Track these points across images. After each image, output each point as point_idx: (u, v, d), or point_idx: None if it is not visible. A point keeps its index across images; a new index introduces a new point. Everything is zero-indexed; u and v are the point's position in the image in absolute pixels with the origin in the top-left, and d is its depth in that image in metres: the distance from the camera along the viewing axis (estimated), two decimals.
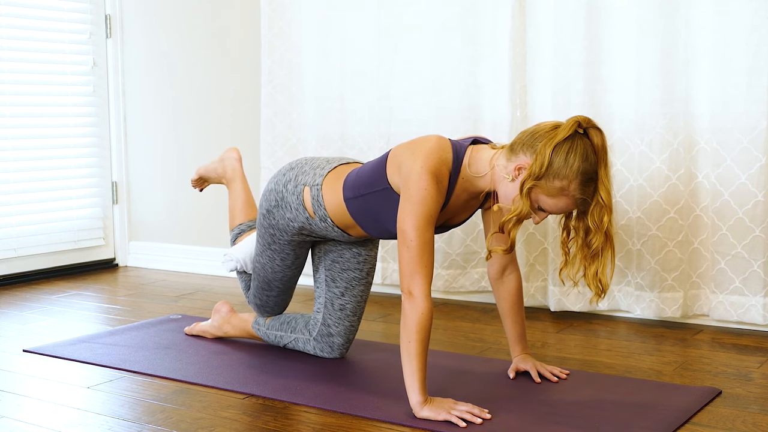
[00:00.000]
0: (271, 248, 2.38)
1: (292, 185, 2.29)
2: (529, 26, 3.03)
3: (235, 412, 2.05)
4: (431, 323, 1.97)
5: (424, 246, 1.96)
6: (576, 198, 1.94)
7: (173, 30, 4.02)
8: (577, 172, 1.90)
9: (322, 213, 2.24)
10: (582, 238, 2.00)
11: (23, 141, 3.90)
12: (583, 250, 2.00)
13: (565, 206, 1.97)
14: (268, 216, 2.34)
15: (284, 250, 2.37)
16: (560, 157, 1.90)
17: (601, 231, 1.96)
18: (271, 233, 2.35)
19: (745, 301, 2.73)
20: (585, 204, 1.96)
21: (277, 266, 2.41)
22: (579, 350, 2.60)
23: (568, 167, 1.90)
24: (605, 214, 1.94)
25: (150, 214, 4.19)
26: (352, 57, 3.39)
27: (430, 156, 1.99)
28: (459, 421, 1.91)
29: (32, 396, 2.19)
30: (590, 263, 1.99)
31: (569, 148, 1.91)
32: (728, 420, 1.98)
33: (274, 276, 2.43)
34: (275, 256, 2.39)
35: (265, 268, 2.43)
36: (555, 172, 1.91)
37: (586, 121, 1.95)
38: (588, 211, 1.96)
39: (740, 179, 2.71)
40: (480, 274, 3.23)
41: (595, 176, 1.93)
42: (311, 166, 2.32)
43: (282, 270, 2.42)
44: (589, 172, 1.92)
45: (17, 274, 3.82)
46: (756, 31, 2.65)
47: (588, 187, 1.93)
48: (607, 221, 1.95)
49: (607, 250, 1.98)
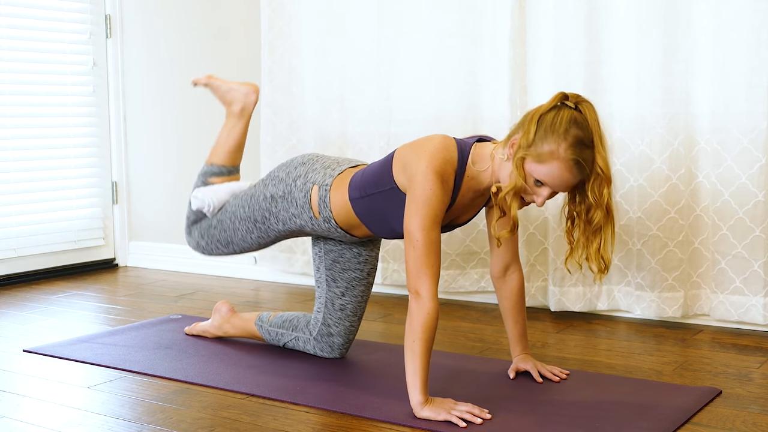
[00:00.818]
0: (256, 225, 2.37)
1: (301, 181, 2.29)
2: (529, 26, 3.03)
3: (235, 412, 2.05)
4: (437, 324, 1.96)
5: (430, 246, 1.96)
6: (569, 161, 1.91)
7: (173, 30, 4.02)
8: (565, 134, 1.90)
9: (326, 214, 2.24)
10: (584, 221, 1.99)
11: (23, 141, 3.90)
12: (585, 229, 2.00)
13: (559, 172, 1.92)
14: (271, 201, 2.33)
15: (268, 233, 2.38)
16: (546, 122, 1.93)
17: (601, 206, 1.95)
18: (266, 216, 2.35)
19: (746, 301, 2.73)
20: (581, 170, 1.92)
21: (250, 238, 2.41)
22: (579, 350, 2.60)
23: (554, 130, 1.91)
24: (605, 186, 1.94)
25: (150, 214, 4.19)
26: (352, 57, 3.38)
27: (435, 156, 1.99)
28: (459, 421, 1.91)
29: (32, 396, 2.19)
30: (592, 240, 1.99)
31: (555, 114, 1.93)
32: (728, 420, 1.98)
33: (240, 242, 2.43)
34: (255, 231, 2.39)
35: (236, 233, 2.42)
36: (542, 136, 1.92)
37: (574, 96, 1.97)
38: (587, 184, 1.94)
39: (740, 179, 2.71)
40: (480, 274, 3.23)
41: (589, 142, 1.92)
42: (322, 165, 2.32)
43: (251, 243, 2.43)
44: (579, 136, 1.91)
45: (17, 274, 3.82)
46: (756, 31, 2.65)
47: (582, 150, 1.91)
48: (607, 194, 1.94)
49: (608, 224, 1.98)
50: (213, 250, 2.53)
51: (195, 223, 2.57)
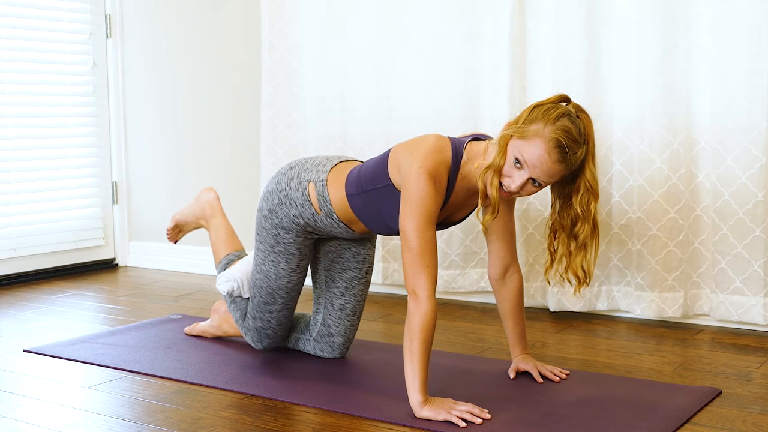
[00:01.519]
0: (275, 250, 2.32)
1: (295, 182, 2.29)
2: (528, 26, 3.03)
3: (235, 412, 2.05)
4: (435, 323, 1.96)
5: (425, 246, 1.96)
6: (552, 140, 1.90)
7: (173, 30, 4.02)
8: (555, 120, 1.91)
9: (327, 208, 2.24)
10: (568, 232, 2.02)
11: (23, 141, 3.90)
12: (569, 243, 2.02)
13: (539, 151, 1.91)
14: (271, 216, 2.32)
15: (289, 251, 2.32)
16: (539, 109, 1.95)
17: (588, 219, 1.98)
18: (274, 234, 2.32)
19: (746, 301, 2.73)
20: (563, 155, 1.90)
21: (282, 270, 2.33)
22: (579, 350, 2.60)
23: (546, 115, 1.93)
24: (592, 201, 1.97)
25: (150, 214, 4.19)
26: (352, 57, 3.38)
27: (428, 157, 1.99)
28: (459, 421, 1.91)
29: (32, 396, 2.19)
30: (576, 254, 2.01)
31: (551, 106, 1.96)
32: (728, 420, 1.98)
33: (278, 283, 2.34)
34: (279, 258, 2.32)
35: (268, 276, 2.34)
36: (532, 118, 1.94)
37: (576, 104, 1.99)
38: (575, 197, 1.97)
39: (741, 179, 2.71)
40: (479, 275, 3.23)
41: (580, 142, 1.93)
42: (312, 163, 2.32)
43: (287, 274, 2.33)
44: (568, 127, 1.92)
45: (17, 274, 3.82)
46: (756, 30, 2.65)
47: (567, 138, 1.90)
48: (594, 209, 1.97)
49: (593, 240, 2.01)
50: (269, 321, 2.41)
51: (244, 318, 2.49)
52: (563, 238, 2.03)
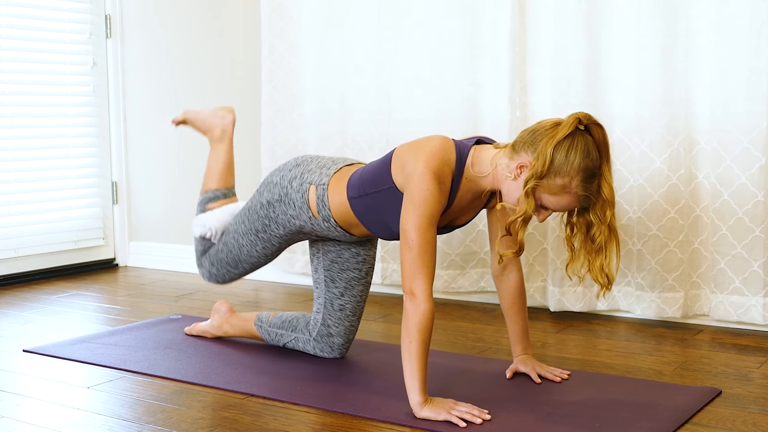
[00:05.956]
0: (258, 236, 2.38)
1: (297, 183, 2.29)
2: (528, 27, 3.03)
3: (235, 412, 2.05)
4: (432, 324, 1.97)
5: (425, 246, 1.96)
6: (579, 195, 1.95)
7: (173, 30, 4.02)
8: (578, 169, 1.91)
9: (325, 213, 2.24)
10: (584, 234, 2.01)
11: (23, 141, 3.90)
12: (586, 245, 2.01)
13: (568, 204, 1.97)
14: (268, 207, 2.34)
15: (271, 241, 2.38)
16: (561, 154, 1.91)
17: (604, 224, 1.97)
18: (266, 223, 2.35)
19: (745, 301, 2.73)
20: (587, 201, 1.97)
21: (255, 251, 2.41)
22: (579, 350, 2.60)
23: (569, 165, 1.91)
24: (608, 209, 1.97)
25: (150, 214, 4.19)
26: (352, 57, 3.38)
27: (433, 157, 1.99)
28: (459, 421, 1.91)
29: (32, 396, 2.19)
30: (595, 257, 2.00)
31: (570, 145, 1.91)
32: (728, 420, 1.98)
33: (248, 258, 2.44)
34: (258, 243, 2.39)
35: (241, 249, 2.43)
36: (556, 169, 1.91)
37: (586, 117, 1.95)
38: (590, 207, 1.98)
39: (740, 179, 2.71)
40: (479, 275, 3.23)
41: (598, 172, 1.94)
42: (317, 164, 2.32)
43: (258, 257, 2.43)
44: (590, 169, 1.92)
45: (17, 274, 3.82)
46: (756, 31, 2.65)
47: (590, 184, 1.94)
48: (610, 215, 1.97)
49: (611, 242, 1.99)
50: (225, 275, 2.54)
51: (204, 254, 2.58)
52: (580, 237, 2.04)
